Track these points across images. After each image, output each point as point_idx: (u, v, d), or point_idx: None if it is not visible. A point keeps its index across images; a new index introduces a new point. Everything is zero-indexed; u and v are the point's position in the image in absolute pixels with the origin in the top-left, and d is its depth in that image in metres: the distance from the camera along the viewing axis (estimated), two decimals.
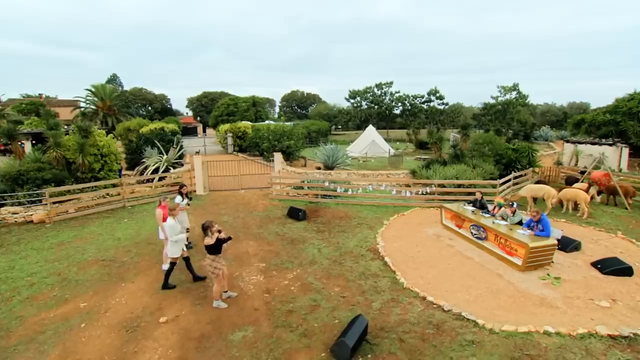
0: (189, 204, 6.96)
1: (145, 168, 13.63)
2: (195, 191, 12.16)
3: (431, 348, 4.02)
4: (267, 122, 33.07)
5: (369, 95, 48.06)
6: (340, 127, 49.65)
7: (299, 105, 72.49)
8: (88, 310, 4.87)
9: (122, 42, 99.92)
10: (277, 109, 65.26)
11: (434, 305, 4.95)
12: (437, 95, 44.37)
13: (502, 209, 7.66)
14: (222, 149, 25.92)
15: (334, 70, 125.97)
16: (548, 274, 5.94)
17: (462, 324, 4.49)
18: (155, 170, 13.27)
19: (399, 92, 47.77)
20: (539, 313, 4.68)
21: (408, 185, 11.78)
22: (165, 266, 6.00)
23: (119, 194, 10.95)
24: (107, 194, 10.98)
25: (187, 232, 5.60)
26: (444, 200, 10.57)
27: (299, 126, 28.21)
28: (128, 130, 18.71)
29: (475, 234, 7.58)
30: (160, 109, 45.75)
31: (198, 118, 54.17)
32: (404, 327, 4.48)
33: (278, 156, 13.74)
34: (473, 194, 10.03)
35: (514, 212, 7.22)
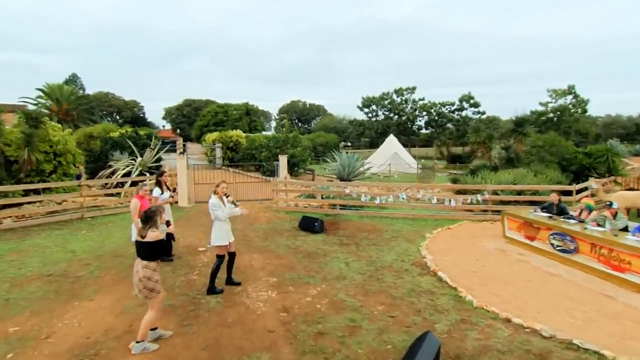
0: (172, 197, 6.92)
1: (113, 173, 13.23)
2: (177, 202, 12.29)
3: None
4: (264, 133, 33.37)
5: (386, 102, 48.57)
6: (350, 143, 49.83)
7: (300, 118, 73.66)
8: (21, 335, 4.41)
9: (86, 45, 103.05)
10: (273, 123, 66.33)
11: (527, 329, 4.60)
12: (472, 102, 44.65)
13: (594, 212, 7.13)
14: (209, 164, 25.68)
15: (340, 81, 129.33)
16: None
17: (578, 356, 4.06)
18: (127, 176, 12.99)
19: (423, 99, 48.44)
20: None
21: (460, 192, 11.59)
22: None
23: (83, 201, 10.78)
24: (64, 201, 10.56)
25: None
26: (500, 212, 10.19)
27: (303, 139, 28.26)
28: (90, 137, 18.60)
29: (558, 246, 7.13)
30: (131, 117, 46.30)
31: (178, 131, 54.83)
32: (491, 356, 4.05)
33: (283, 160, 13.86)
34: (538, 203, 9.59)
35: (614, 215, 6.64)
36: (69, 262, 6.95)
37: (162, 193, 6.75)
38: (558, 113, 35.38)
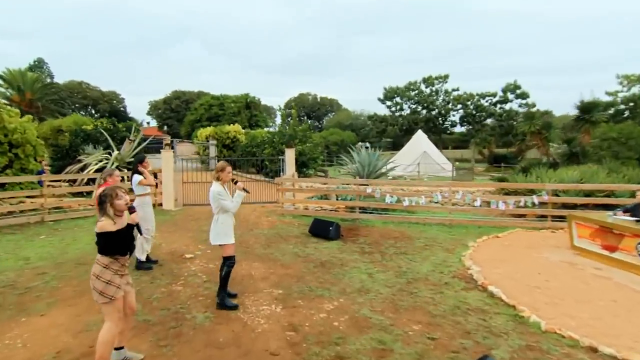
0: (157, 186, 6.79)
1: (83, 169, 13.16)
2: (161, 205, 12.66)
3: None
4: (267, 130, 33.49)
5: (413, 94, 48.33)
6: (369, 144, 49.58)
7: (310, 113, 74.09)
8: None
9: (55, 29, 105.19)
10: (278, 120, 66.48)
11: None
12: (518, 92, 44.03)
13: None
14: (202, 164, 25.69)
15: (356, 73, 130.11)
16: None
17: None
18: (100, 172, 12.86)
19: (457, 89, 48.12)
20: None
21: (509, 193, 11.33)
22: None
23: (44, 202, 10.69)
24: (20, 201, 10.49)
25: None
26: (563, 218, 9.87)
27: (314, 136, 28.20)
28: (58, 131, 18.73)
29: None
30: (110, 111, 46.86)
31: (165, 128, 55.35)
32: None
33: (290, 154, 13.80)
34: (611, 207, 9.10)
35: None
36: (20, 270, 6.79)
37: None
38: (631, 104, 33.53)
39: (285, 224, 10.59)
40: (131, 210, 3.94)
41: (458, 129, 50.27)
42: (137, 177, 6.79)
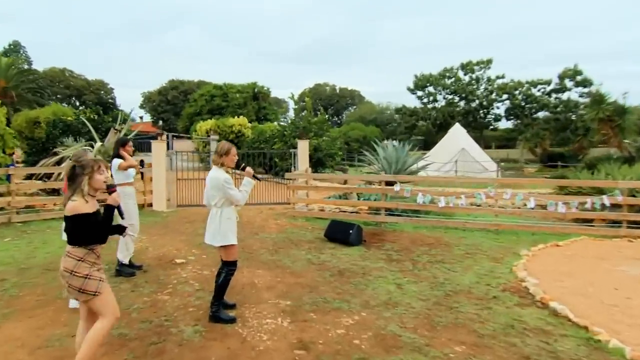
0: (142, 172, 6.80)
1: (61, 161, 13.37)
2: (151, 205, 12.88)
3: None
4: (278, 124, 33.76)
5: (449, 82, 47.97)
6: (397, 142, 49.35)
7: (327, 106, 74.51)
8: None
9: (35, 10, 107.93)
10: (291, 113, 67.03)
11: None
12: (579, 79, 43.09)
13: None
14: (202, 163, 25.82)
15: (381, 61, 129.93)
16: None
17: None
18: None
19: (502, 76, 47.48)
20: None
21: (570, 193, 11.14)
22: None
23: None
24: None
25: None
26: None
27: (333, 131, 28.23)
28: (35, 123, 18.93)
29: None
30: (97, 103, 47.61)
31: (161, 123, 56.06)
32: None
33: (303, 146, 13.94)
34: None
35: None
36: None
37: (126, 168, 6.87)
38: None
39: (296, 228, 10.75)
40: (110, 189, 3.78)
41: (503, 124, 49.82)
42: (116, 161, 6.75)
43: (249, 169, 5.18)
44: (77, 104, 51.11)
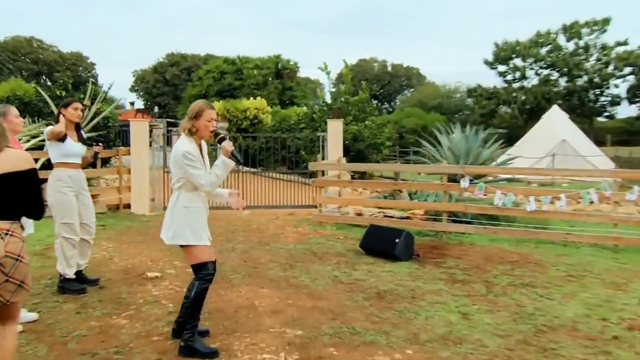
0: (97, 155, 7.40)
1: None
2: (129, 207, 13.11)
3: None
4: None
5: (543, 52, 46.63)
6: (468, 127, 48.86)
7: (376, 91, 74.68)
8: None
9: None
10: (328, 94, 65.72)
11: None
12: None
13: None
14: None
15: (447, 31, 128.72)
16: None
17: None
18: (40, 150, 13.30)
19: (625, 42, 45.77)
20: None
21: None
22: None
23: None
24: None
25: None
26: None
27: (381, 119, 28.24)
28: None
29: None
30: (73, 82, 48.69)
31: (156, 109, 57.09)
32: None
33: (334, 127, 14.05)
34: None
35: None
36: None
37: (63, 139, 6.69)
38: None
39: (323, 237, 10.82)
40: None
41: (624, 109, 48.01)
42: (46, 129, 6.70)
43: (227, 143, 4.93)
44: (49, 83, 52.40)
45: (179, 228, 4.88)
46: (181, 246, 4.96)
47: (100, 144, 7.48)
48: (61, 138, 6.66)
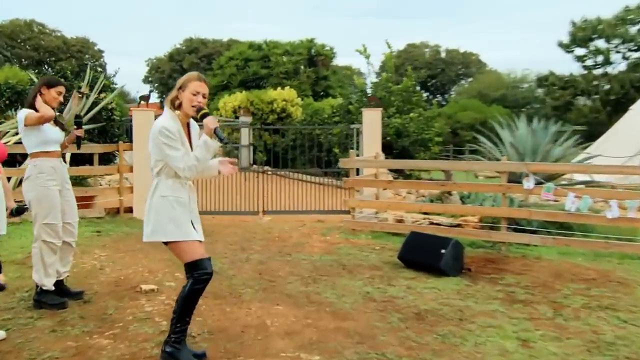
0: (80, 140, 7.35)
1: None
2: (131, 211, 13.62)
3: None
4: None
5: (633, 31, 47.43)
6: (536, 119, 49.45)
7: (425, 78, 75.43)
8: None
9: None
10: (368, 83, 66.98)
11: None
12: None
13: None
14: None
15: (512, 13, 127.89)
16: None
17: None
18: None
19: None
20: None
21: None
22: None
23: None
24: None
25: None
26: None
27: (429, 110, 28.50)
28: None
29: None
30: (78, 71, 49.81)
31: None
32: None
33: (371, 117, 14.06)
34: None
35: None
36: None
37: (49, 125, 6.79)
38: None
39: (355, 247, 10.85)
40: None
41: None
42: (23, 113, 6.61)
43: (209, 119, 4.82)
44: (50, 69, 53.52)
45: (158, 222, 4.82)
46: (166, 244, 4.92)
47: (81, 127, 7.40)
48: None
